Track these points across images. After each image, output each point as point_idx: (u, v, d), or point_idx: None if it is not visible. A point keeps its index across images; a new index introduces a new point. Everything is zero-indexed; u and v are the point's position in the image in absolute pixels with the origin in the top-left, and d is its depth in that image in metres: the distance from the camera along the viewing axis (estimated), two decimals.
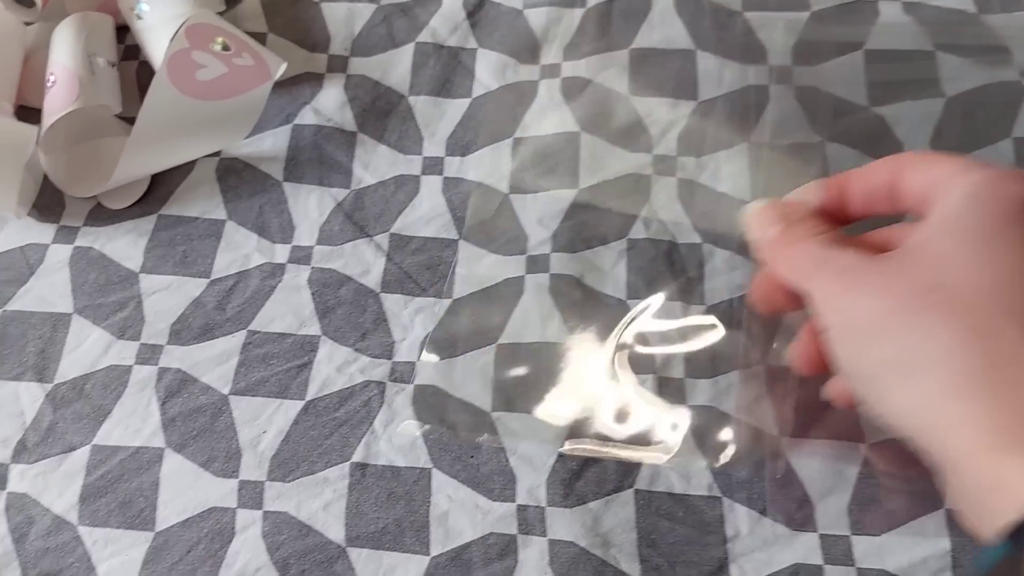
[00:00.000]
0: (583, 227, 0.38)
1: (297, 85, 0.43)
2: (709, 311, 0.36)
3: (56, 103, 0.38)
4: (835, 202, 0.27)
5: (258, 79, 0.39)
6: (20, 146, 0.37)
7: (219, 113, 0.39)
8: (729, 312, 0.36)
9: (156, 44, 0.40)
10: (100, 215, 0.40)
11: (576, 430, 0.34)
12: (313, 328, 0.37)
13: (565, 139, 0.40)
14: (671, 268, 0.37)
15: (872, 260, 0.23)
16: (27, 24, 0.42)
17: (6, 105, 0.40)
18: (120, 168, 0.38)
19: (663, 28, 0.43)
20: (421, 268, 0.38)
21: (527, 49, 0.43)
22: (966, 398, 0.20)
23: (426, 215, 0.39)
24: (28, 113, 0.41)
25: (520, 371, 0.35)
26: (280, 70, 0.40)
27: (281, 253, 0.39)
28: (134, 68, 0.44)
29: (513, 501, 0.33)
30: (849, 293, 0.23)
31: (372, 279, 0.38)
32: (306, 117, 0.42)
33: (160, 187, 0.40)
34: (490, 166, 0.40)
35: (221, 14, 0.44)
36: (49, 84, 0.39)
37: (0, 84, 0.40)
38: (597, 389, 0.34)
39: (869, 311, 0.23)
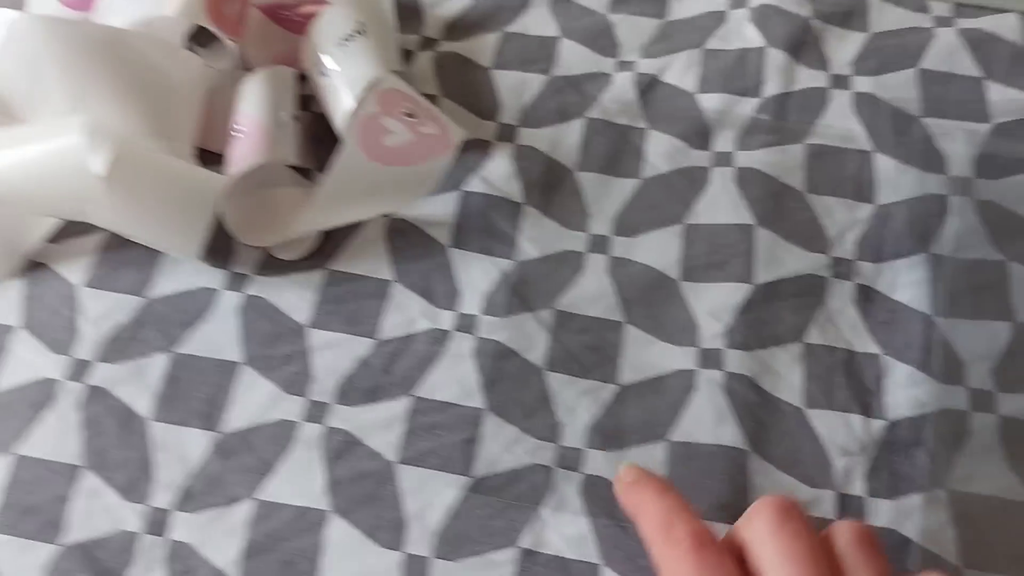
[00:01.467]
0: (758, 325, 0.37)
1: (466, 151, 0.43)
2: (890, 427, 0.35)
3: (243, 154, 0.39)
4: None
5: (440, 148, 0.39)
6: (208, 192, 0.38)
7: (400, 178, 0.39)
8: (912, 430, 0.35)
9: (337, 102, 0.41)
10: (270, 264, 0.40)
11: None
12: (478, 401, 0.37)
13: (738, 231, 0.40)
14: (848, 378, 0.36)
15: None
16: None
17: (185, 147, 0.41)
18: (299, 223, 0.39)
19: (840, 125, 0.43)
20: (586, 349, 0.38)
21: (699, 134, 0.43)
22: None
23: (591, 294, 0.39)
24: (205, 156, 0.42)
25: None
26: (460, 140, 0.41)
27: (447, 320, 0.39)
28: (307, 119, 0.45)
29: None
30: None
31: (537, 355, 0.38)
32: (474, 184, 0.42)
33: (329, 241, 0.41)
34: (659, 250, 0.40)
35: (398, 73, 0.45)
36: (236, 135, 0.39)
37: (182, 128, 0.41)
38: None
39: None
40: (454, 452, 0.35)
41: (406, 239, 0.41)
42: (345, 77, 0.41)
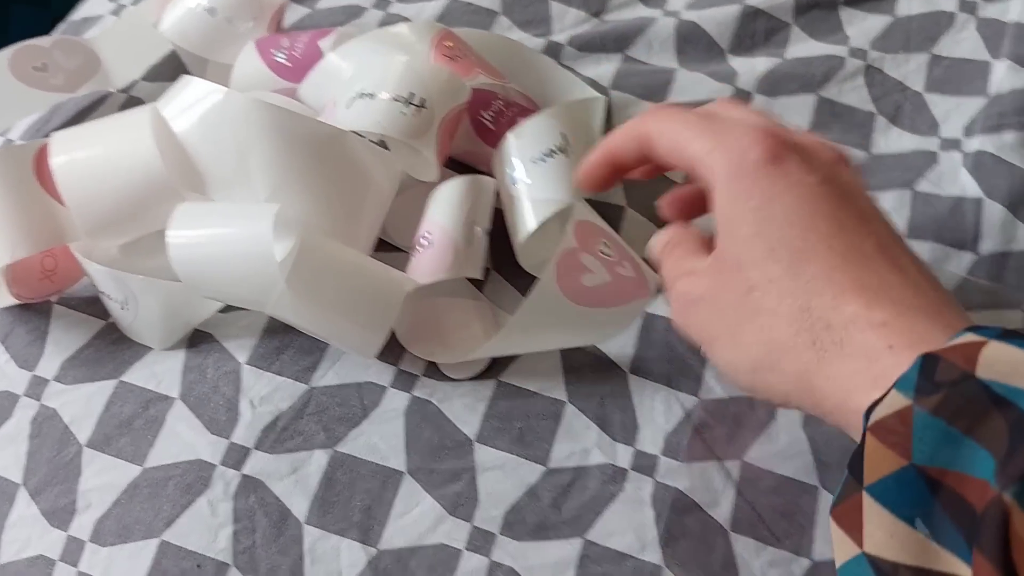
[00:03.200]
0: None
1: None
2: None
3: (428, 266, 0.36)
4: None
5: (636, 292, 0.37)
6: (395, 294, 0.36)
7: (595, 318, 0.36)
8: None
9: (521, 217, 0.39)
10: (438, 367, 0.38)
11: None
12: (655, 556, 0.34)
13: None
14: None
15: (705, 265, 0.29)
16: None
17: (370, 245, 0.39)
18: (481, 350, 0.36)
19: None
20: (776, 513, 0.35)
21: None
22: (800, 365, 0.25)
23: (784, 450, 0.36)
24: (380, 245, 0.40)
25: None
26: (656, 286, 0.38)
27: (623, 456, 0.36)
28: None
29: None
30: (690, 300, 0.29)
31: (721, 513, 0.35)
32: (659, 307, 0.40)
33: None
34: None
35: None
36: (423, 243, 0.37)
37: (372, 228, 0.39)
38: None
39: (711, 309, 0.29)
40: None
41: (583, 359, 0.38)
42: (535, 193, 0.39)
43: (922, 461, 0.21)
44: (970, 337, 0.22)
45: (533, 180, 0.38)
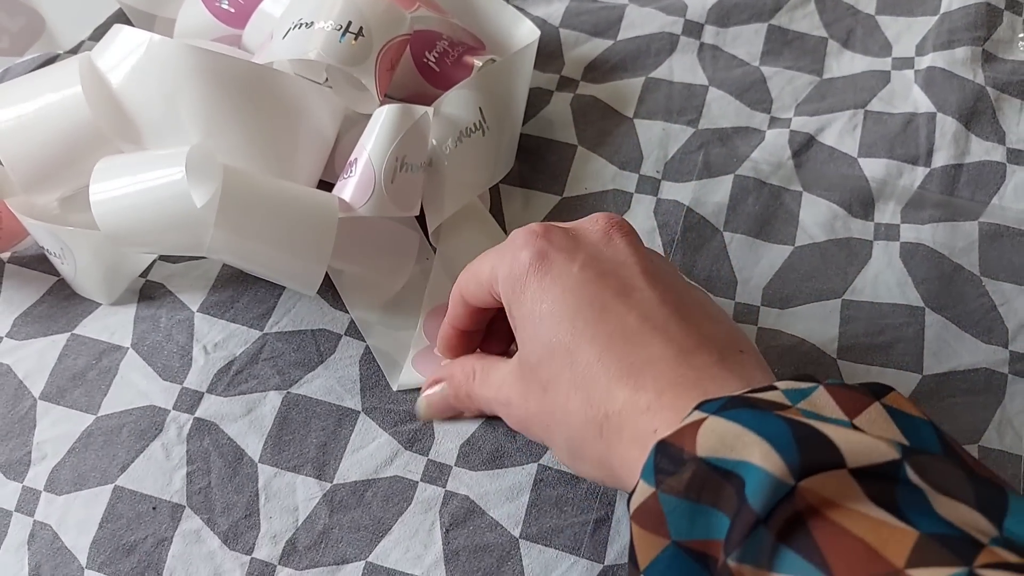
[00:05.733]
0: None
1: (603, 203, 0.41)
2: None
3: (348, 194, 0.35)
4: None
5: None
6: (329, 218, 0.35)
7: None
8: None
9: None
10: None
11: None
12: None
13: (906, 313, 0.36)
14: None
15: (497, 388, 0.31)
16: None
17: (309, 182, 0.39)
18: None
19: (1018, 205, 0.39)
20: None
21: (860, 202, 0.40)
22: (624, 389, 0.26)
23: None
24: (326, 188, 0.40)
25: None
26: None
27: None
28: None
29: None
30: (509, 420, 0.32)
31: None
32: None
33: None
34: (815, 326, 0.37)
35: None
36: (348, 172, 0.36)
37: (312, 168, 0.39)
38: None
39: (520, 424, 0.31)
40: (582, 533, 0.32)
41: None
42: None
43: (679, 536, 0.22)
44: (695, 416, 0.23)
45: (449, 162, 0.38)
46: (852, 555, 0.19)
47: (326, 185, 0.38)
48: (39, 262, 0.40)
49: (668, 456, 0.23)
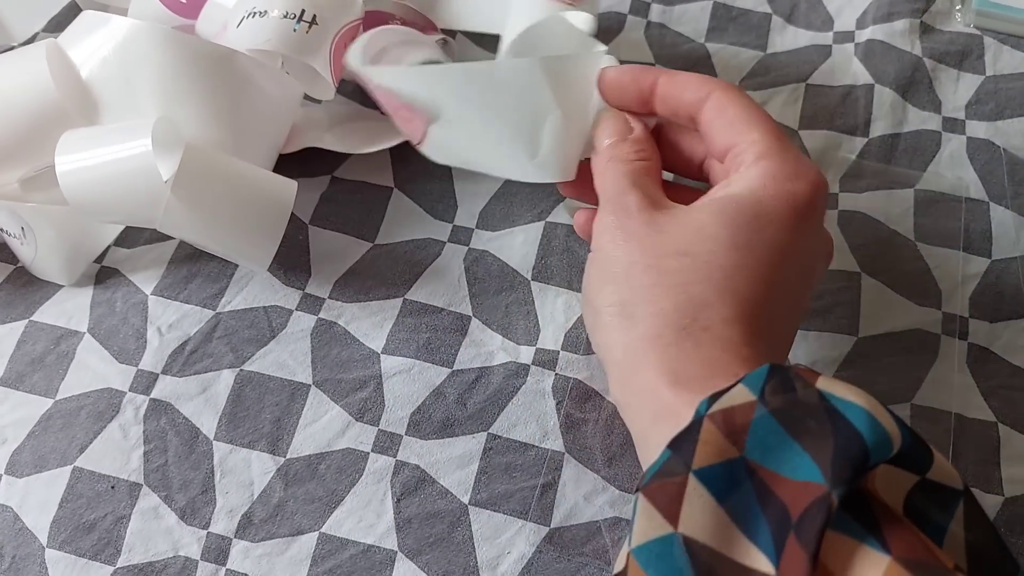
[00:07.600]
0: (861, 382, 0.35)
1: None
2: (1006, 504, 0.32)
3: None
4: (640, 93, 0.30)
5: None
6: (284, 199, 0.36)
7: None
8: None
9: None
10: (346, 289, 0.39)
11: None
12: (557, 443, 0.34)
13: (844, 279, 0.37)
14: (959, 447, 0.33)
15: (649, 211, 0.28)
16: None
17: (269, 164, 0.39)
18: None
19: (953, 172, 0.40)
20: None
21: None
22: (659, 348, 0.25)
23: None
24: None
25: None
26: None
27: (526, 354, 0.37)
28: None
29: None
30: (612, 236, 0.28)
31: None
32: (559, 215, 0.40)
33: (408, 269, 0.39)
34: None
35: None
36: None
37: (266, 147, 0.39)
38: None
39: (617, 258, 0.27)
40: (530, 497, 0.33)
41: (487, 269, 0.39)
42: None
43: (753, 457, 0.22)
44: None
45: None
46: (907, 537, 0.21)
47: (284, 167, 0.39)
48: None
49: (778, 378, 0.23)
